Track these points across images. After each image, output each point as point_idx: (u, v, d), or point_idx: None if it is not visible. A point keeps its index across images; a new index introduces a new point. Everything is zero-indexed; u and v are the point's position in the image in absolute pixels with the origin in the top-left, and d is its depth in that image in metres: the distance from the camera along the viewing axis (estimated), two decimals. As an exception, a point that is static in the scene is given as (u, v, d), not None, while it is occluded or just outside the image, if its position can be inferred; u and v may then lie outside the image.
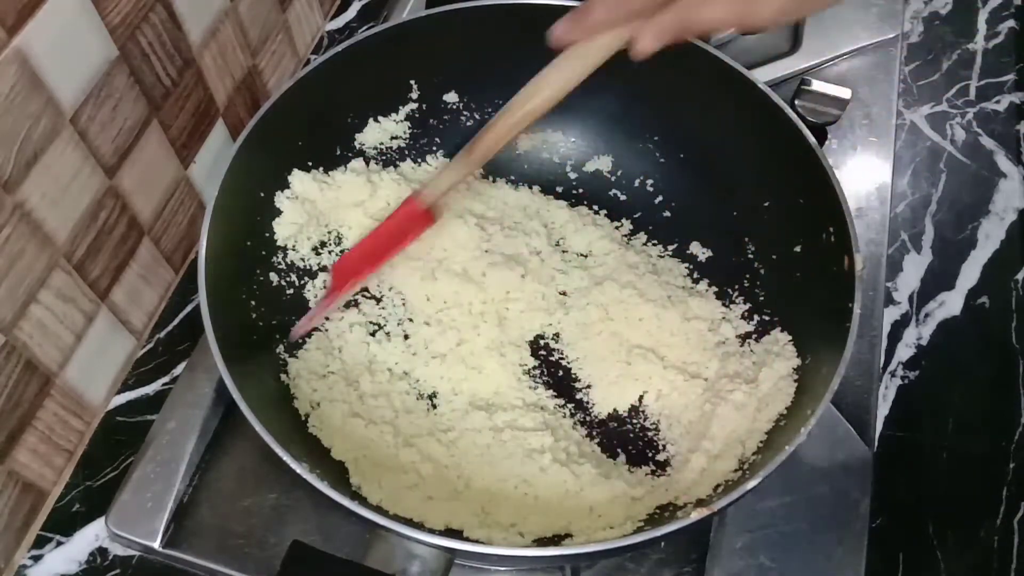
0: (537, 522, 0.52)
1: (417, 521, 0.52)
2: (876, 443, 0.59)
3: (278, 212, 0.60)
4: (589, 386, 0.59)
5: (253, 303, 0.57)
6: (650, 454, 0.56)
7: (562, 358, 0.60)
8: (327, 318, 0.60)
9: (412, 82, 0.65)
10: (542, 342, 0.60)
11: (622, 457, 0.56)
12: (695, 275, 0.63)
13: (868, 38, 0.78)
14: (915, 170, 0.74)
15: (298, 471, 0.44)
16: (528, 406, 0.57)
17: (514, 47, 0.64)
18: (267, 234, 0.60)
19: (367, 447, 0.54)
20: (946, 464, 0.60)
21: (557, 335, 0.61)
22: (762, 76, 0.59)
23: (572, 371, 0.59)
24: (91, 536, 0.57)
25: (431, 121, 0.67)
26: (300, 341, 0.58)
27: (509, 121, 0.52)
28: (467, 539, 0.48)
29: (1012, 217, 0.71)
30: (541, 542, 0.51)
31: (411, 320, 0.60)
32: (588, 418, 0.57)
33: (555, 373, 0.59)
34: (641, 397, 0.58)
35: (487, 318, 0.60)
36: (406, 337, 0.60)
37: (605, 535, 0.49)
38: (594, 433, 0.57)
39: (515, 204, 0.66)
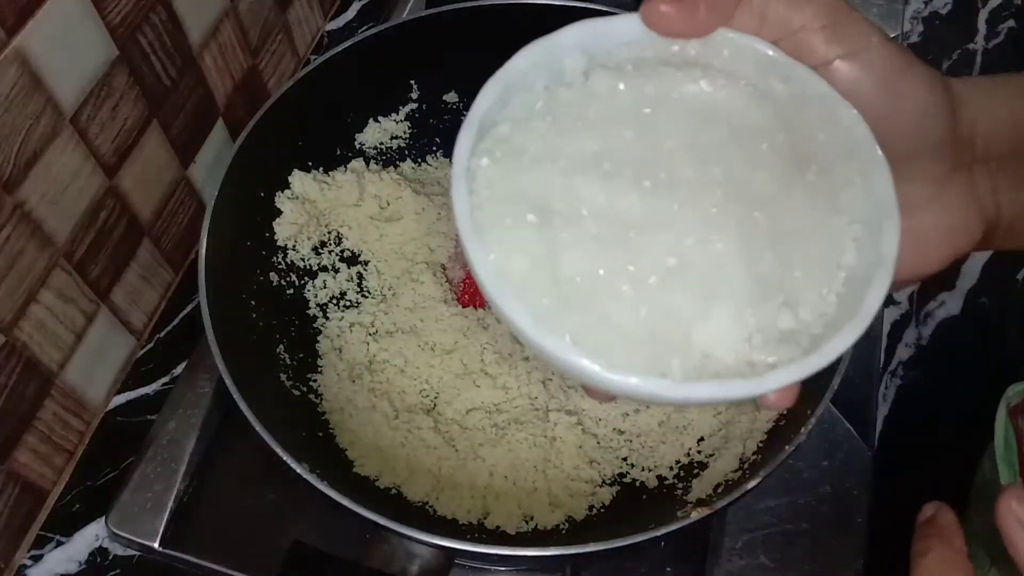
0: (542, 515, 0.52)
1: (428, 506, 0.52)
2: (876, 443, 0.59)
3: (278, 212, 0.60)
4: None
5: (253, 303, 0.57)
6: (653, 453, 0.56)
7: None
8: (327, 317, 0.60)
9: (412, 82, 0.65)
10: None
11: (629, 455, 0.56)
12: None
13: (868, 38, 0.78)
14: (915, 170, 0.74)
15: (298, 471, 0.44)
16: (532, 403, 0.57)
17: (514, 47, 0.64)
18: (267, 234, 0.60)
19: (375, 442, 0.54)
20: (946, 464, 0.60)
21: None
22: (762, 76, 0.59)
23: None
24: (91, 536, 0.57)
25: (431, 121, 0.67)
26: (303, 341, 0.59)
27: None
28: (467, 539, 0.48)
29: (1012, 217, 0.71)
30: (547, 534, 0.52)
31: (412, 318, 0.60)
32: (593, 416, 0.57)
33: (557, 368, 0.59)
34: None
35: (489, 316, 0.60)
36: (407, 335, 0.60)
37: (607, 534, 0.49)
38: (599, 431, 0.57)
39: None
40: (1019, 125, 0.33)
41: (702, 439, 0.55)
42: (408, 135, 0.67)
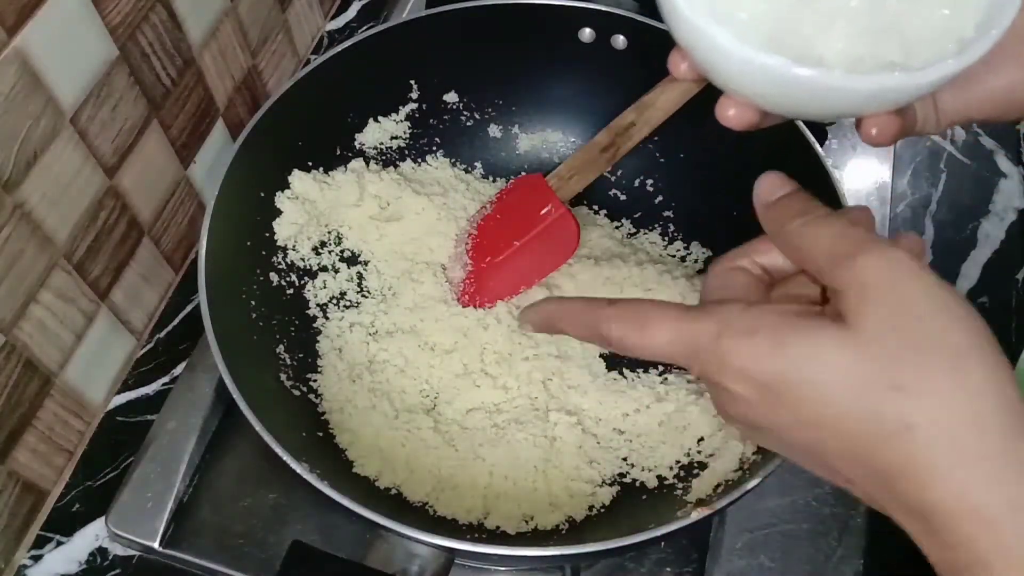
0: (542, 515, 0.52)
1: (428, 506, 0.52)
2: (876, 443, 0.59)
3: (278, 212, 0.60)
4: (591, 384, 0.59)
5: (253, 303, 0.57)
6: (653, 453, 0.56)
7: (563, 355, 0.60)
8: (327, 317, 0.61)
9: (412, 82, 0.65)
10: (544, 339, 0.60)
11: (629, 455, 0.56)
12: (695, 275, 0.63)
13: (868, 38, 0.78)
14: (915, 170, 0.74)
15: (298, 471, 0.44)
16: (532, 403, 0.57)
17: (514, 47, 0.64)
18: (267, 234, 0.60)
19: (375, 442, 0.54)
20: (946, 464, 0.60)
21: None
22: (762, 76, 0.59)
23: (574, 368, 0.59)
24: (91, 536, 0.57)
25: (431, 121, 0.67)
26: (303, 341, 0.59)
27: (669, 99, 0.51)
28: (467, 539, 0.48)
29: (1012, 217, 0.71)
30: (547, 534, 0.52)
31: (412, 318, 0.60)
32: (593, 416, 0.57)
33: (557, 370, 0.59)
34: (641, 398, 0.58)
35: (489, 316, 0.60)
36: (407, 335, 0.60)
37: (607, 534, 0.49)
38: (599, 431, 0.57)
39: (515, 204, 0.66)
40: None
41: (702, 439, 0.55)
42: (408, 135, 0.67)
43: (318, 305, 0.61)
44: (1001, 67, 0.37)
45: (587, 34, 0.63)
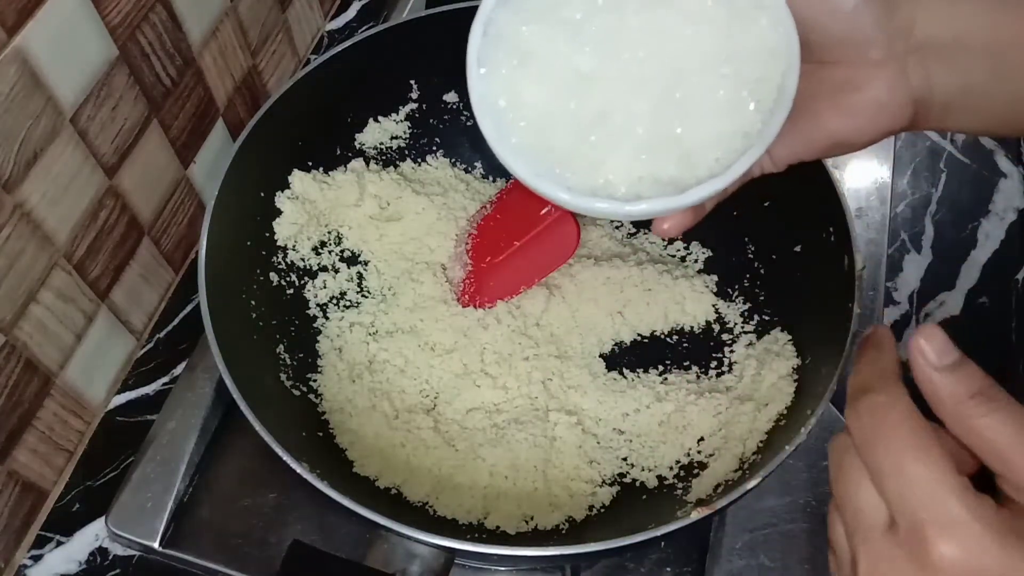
0: (542, 515, 0.53)
1: (428, 506, 0.52)
2: (876, 443, 0.59)
3: (278, 212, 0.60)
4: (591, 384, 0.59)
5: (253, 303, 0.57)
6: (653, 453, 0.56)
7: (563, 355, 0.60)
8: (327, 317, 0.61)
9: (412, 82, 0.65)
10: (544, 340, 0.60)
11: (629, 455, 0.56)
12: (695, 275, 0.63)
13: (868, 38, 0.78)
14: (915, 170, 0.74)
15: (298, 471, 0.44)
16: (532, 403, 0.57)
17: (514, 47, 0.64)
18: (267, 234, 0.60)
19: (375, 442, 0.54)
20: (946, 464, 0.60)
21: (558, 333, 0.61)
22: (762, 76, 0.59)
23: (574, 368, 0.59)
24: (91, 536, 0.57)
25: (431, 121, 0.67)
26: (303, 341, 0.59)
27: None
28: (467, 539, 0.48)
29: (1012, 217, 0.71)
30: (547, 534, 0.52)
31: (412, 318, 0.60)
32: (593, 416, 0.57)
33: (557, 370, 0.59)
34: (641, 398, 0.58)
35: (489, 316, 0.60)
36: (407, 335, 0.60)
37: (607, 534, 0.49)
38: (599, 431, 0.57)
39: (515, 204, 0.66)
40: (956, 23, 0.37)
41: (702, 439, 0.55)
42: (408, 135, 0.67)
43: (318, 305, 0.61)
44: (821, 118, 0.37)
45: (587, 34, 0.63)
